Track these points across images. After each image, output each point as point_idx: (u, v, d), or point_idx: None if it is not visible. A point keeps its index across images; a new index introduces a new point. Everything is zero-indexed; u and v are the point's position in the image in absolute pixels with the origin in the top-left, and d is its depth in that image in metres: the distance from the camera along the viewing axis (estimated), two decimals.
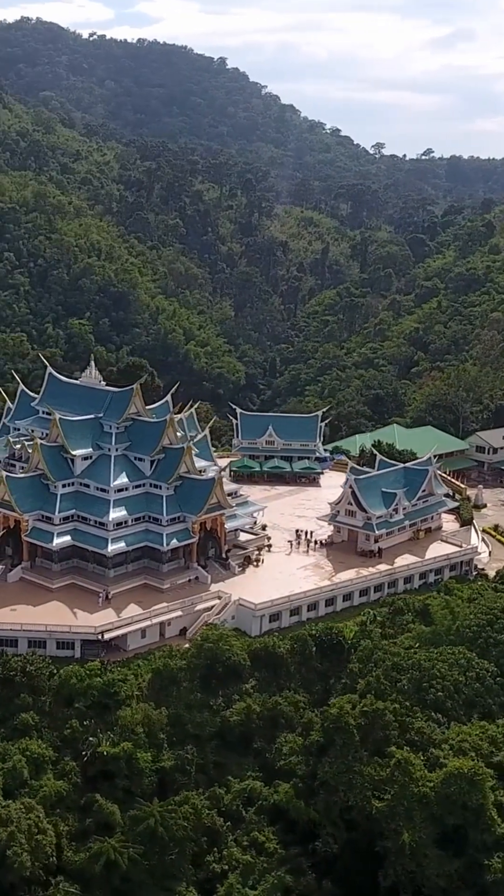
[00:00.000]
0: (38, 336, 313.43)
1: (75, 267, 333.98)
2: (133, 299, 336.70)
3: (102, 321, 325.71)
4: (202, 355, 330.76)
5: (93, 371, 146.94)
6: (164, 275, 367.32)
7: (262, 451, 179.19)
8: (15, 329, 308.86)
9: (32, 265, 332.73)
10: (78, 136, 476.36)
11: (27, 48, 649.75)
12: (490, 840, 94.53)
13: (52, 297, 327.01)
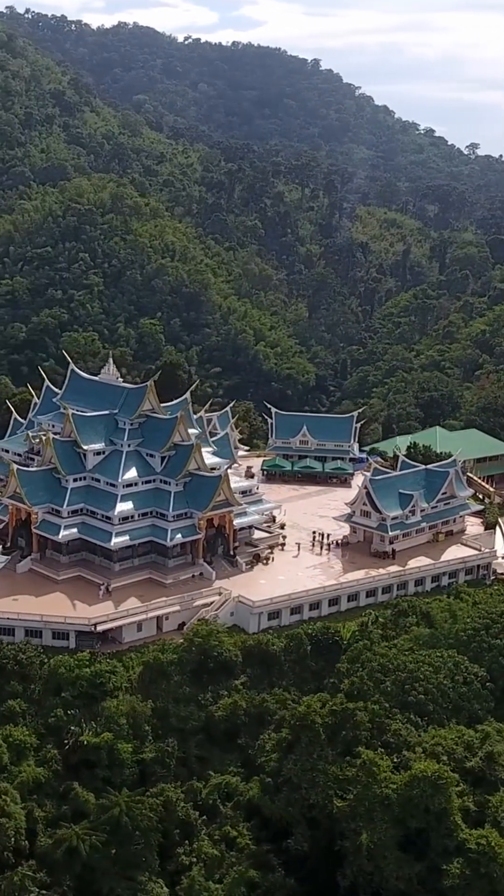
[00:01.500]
0: (110, 335, 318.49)
1: (148, 267, 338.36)
2: (204, 300, 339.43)
3: (173, 321, 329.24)
4: (272, 356, 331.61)
5: (111, 368, 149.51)
6: (238, 276, 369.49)
7: (295, 450, 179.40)
8: (87, 328, 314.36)
9: (107, 266, 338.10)
10: (163, 139, 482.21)
11: (123, 53, 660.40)
12: (451, 845, 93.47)
13: (124, 298, 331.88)
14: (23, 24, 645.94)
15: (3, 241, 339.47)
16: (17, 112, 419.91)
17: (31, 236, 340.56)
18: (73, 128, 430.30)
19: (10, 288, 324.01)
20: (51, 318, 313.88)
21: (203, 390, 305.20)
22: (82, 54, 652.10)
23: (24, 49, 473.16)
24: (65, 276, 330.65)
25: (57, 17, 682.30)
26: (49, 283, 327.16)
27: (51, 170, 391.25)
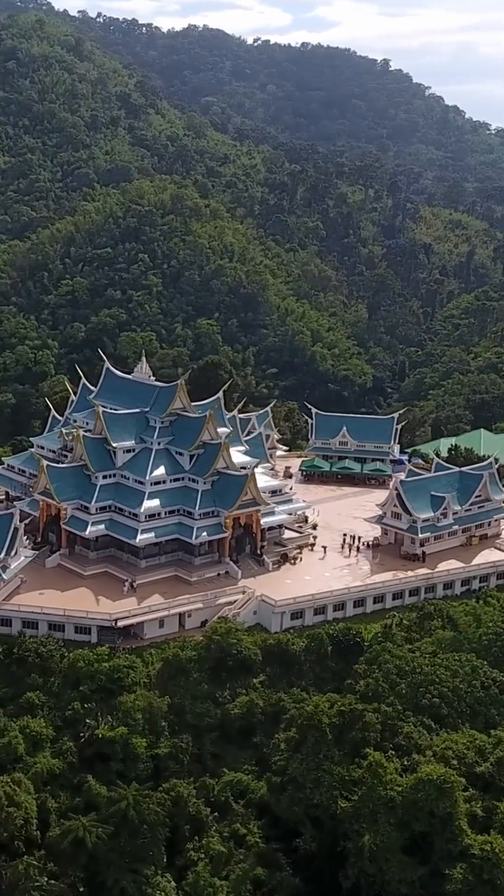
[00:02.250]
0: (168, 335, 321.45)
1: (207, 268, 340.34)
2: (262, 301, 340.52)
3: (231, 321, 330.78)
4: (329, 357, 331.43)
5: (143, 366, 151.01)
6: (297, 277, 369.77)
7: (335, 451, 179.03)
8: (145, 328, 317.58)
9: (166, 266, 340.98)
10: (228, 141, 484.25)
11: (192, 55, 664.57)
12: (455, 850, 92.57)
13: (182, 298, 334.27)
14: (94, 28, 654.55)
15: (64, 241, 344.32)
16: (83, 115, 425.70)
17: (91, 237, 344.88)
18: (138, 130, 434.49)
19: (70, 288, 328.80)
20: (109, 317, 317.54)
21: (259, 391, 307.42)
22: (152, 57, 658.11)
23: (91, 52, 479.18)
24: (124, 276, 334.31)
25: (128, 21, 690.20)
26: (109, 284, 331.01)
27: (114, 171, 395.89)
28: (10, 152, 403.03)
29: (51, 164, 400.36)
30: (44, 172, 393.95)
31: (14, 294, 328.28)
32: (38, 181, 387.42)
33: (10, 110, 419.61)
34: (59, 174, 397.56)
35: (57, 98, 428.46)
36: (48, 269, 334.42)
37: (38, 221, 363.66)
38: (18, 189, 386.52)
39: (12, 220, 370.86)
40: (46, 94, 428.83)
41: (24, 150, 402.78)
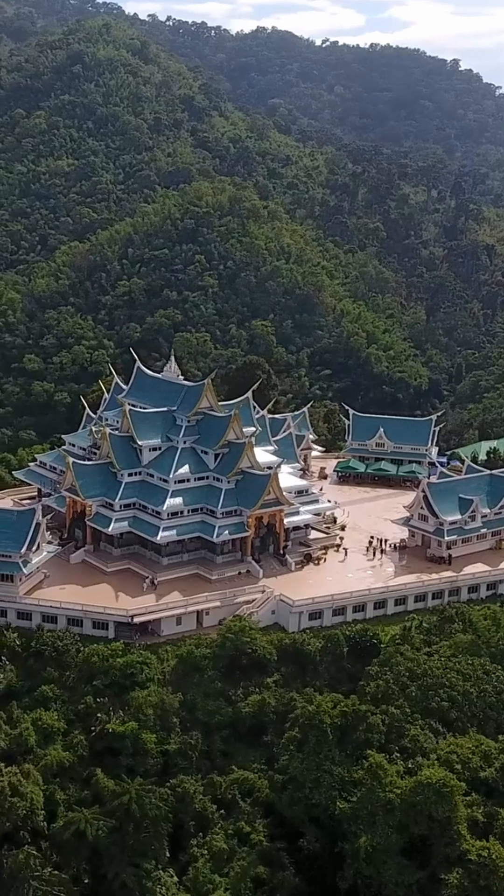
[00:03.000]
0: (222, 336, 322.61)
1: (263, 269, 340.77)
2: (318, 302, 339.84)
3: (285, 323, 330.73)
4: (384, 359, 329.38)
5: (172, 365, 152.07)
6: (355, 278, 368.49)
7: (371, 452, 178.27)
8: (200, 329, 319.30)
9: (222, 268, 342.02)
10: (291, 142, 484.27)
11: (260, 57, 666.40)
12: (453, 855, 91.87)
13: (238, 299, 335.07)
14: (163, 32, 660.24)
15: (123, 243, 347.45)
16: (147, 117, 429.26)
17: (149, 238, 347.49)
18: (201, 132, 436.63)
19: (127, 289, 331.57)
20: (165, 318, 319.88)
21: (312, 392, 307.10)
22: (220, 60, 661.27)
23: (156, 55, 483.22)
24: (180, 277, 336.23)
25: (196, 24, 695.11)
26: (165, 285, 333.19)
27: (175, 173, 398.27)
28: (73, 155, 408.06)
29: (113, 167, 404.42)
30: (106, 175, 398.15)
31: (72, 295, 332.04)
32: (101, 183, 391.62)
33: (74, 113, 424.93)
34: (122, 176, 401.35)
35: (121, 101, 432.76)
36: (106, 270, 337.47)
37: (99, 223, 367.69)
38: (81, 191, 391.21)
39: (74, 221, 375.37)
40: (111, 97, 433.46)
41: (88, 153, 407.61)
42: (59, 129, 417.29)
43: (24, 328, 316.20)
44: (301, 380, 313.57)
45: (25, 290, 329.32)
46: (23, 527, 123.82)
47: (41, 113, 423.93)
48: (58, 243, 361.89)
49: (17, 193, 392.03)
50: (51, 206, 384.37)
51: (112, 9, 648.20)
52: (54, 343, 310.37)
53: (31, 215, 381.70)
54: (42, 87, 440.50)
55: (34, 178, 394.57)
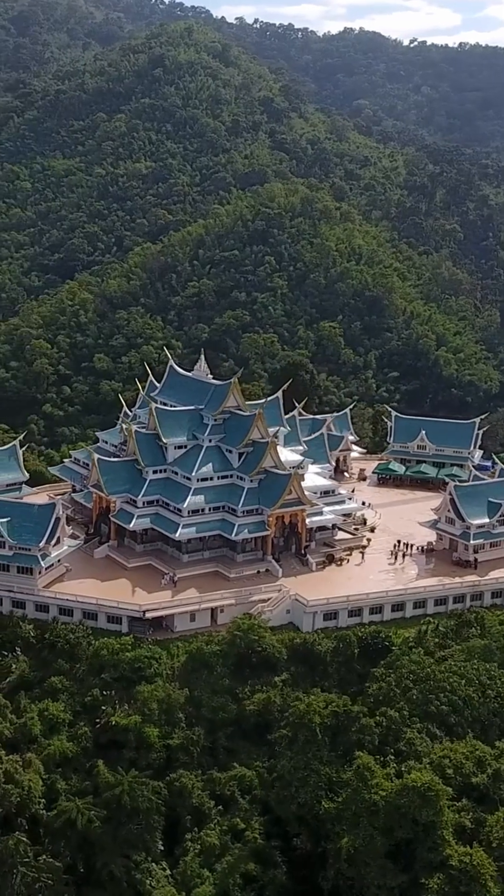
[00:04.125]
0: (290, 337, 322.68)
1: (333, 271, 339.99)
2: (387, 304, 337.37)
3: (354, 325, 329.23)
4: (453, 362, 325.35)
5: (202, 364, 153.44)
6: (427, 280, 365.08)
7: (412, 455, 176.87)
8: (268, 330, 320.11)
9: (292, 269, 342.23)
10: (371, 143, 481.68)
11: (347, 58, 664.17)
12: (436, 860, 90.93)
13: (307, 301, 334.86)
14: (250, 35, 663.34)
15: (194, 244, 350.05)
16: (225, 119, 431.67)
17: (220, 240, 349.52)
18: (279, 134, 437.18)
19: (196, 290, 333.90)
20: (233, 319, 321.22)
21: (379, 394, 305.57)
22: (306, 61, 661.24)
23: (237, 58, 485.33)
24: (250, 278, 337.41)
25: (284, 26, 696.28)
26: (234, 286, 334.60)
27: (251, 175, 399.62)
28: (151, 157, 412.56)
29: (190, 169, 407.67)
30: (183, 177, 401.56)
31: (143, 295, 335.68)
32: (177, 185, 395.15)
33: (154, 116, 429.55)
34: (198, 178, 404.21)
35: (200, 104, 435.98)
36: (177, 271, 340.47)
37: (174, 225, 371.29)
38: (157, 193, 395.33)
39: (150, 223, 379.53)
40: (190, 99, 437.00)
41: (166, 155, 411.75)
42: (139, 131, 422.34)
43: (95, 328, 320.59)
44: (368, 382, 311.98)
45: (98, 290, 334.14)
46: (43, 521, 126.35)
47: (121, 116, 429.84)
48: (133, 244, 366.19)
49: (95, 196, 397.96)
50: (127, 208, 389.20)
51: (200, 12, 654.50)
52: (123, 343, 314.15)
53: (108, 217, 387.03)
54: (123, 91, 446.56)
55: (112, 180, 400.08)
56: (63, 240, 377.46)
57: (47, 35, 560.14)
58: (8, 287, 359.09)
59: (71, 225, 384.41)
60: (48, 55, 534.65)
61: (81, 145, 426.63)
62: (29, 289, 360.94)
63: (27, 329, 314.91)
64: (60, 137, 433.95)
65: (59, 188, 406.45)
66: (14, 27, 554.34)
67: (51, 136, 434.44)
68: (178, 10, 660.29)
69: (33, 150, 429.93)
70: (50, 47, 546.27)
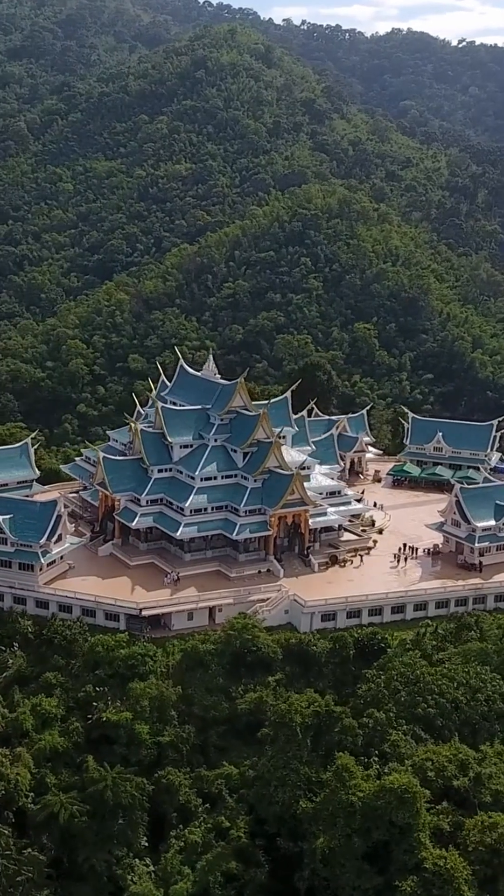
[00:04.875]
0: (324, 339, 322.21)
1: (368, 272, 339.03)
2: (423, 305, 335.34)
3: (389, 326, 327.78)
4: (489, 364, 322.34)
5: (210, 364, 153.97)
6: (465, 281, 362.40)
7: (429, 457, 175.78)
8: (302, 331, 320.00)
9: (328, 270, 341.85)
10: (413, 144, 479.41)
11: (394, 59, 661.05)
12: (411, 862, 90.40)
13: (342, 302, 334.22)
14: (297, 36, 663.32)
15: (231, 245, 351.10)
16: (266, 121, 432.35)
17: (256, 241, 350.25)
18: (320, 135, 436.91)
19: (231, 291, 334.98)
20: (267, 320, 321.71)
21: (413, 396, 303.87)
22: (353, 62, 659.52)
23: (280, 59, 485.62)
24: (285, 279, 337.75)
25: (331, 27, 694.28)
26: (269, 287, 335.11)
27: (291, 177, 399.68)
28: (192, 159, 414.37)
29: (230, 170, 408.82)
30: (222, 178, 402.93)
31: (178, 296, 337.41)
32: (216, 186, 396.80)
33: (195, 118, 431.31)
34: (238, 179, 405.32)
35: (241, 105, 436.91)
36: (212, 272, 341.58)
37: (212, 226, 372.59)
38: (197, 194, 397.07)
39: (188, 224, 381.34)
40: (232, 101, 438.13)
41: (206, 157, 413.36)
42: (180, 133, 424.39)
43: (131, 328, 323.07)
44: (402, 384, 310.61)
45: (134, 291, 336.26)
46: (44, 518, 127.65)
47: (163, 118, 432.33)
48: (171, 246, 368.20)
49: (135, 197, 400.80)
50: (167, 210, 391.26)
51: (247, 14, 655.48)
52: (158, 343, 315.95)
53: (148, 218, 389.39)
54: (166, 93, 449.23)
55: (152, 181, 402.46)
56: (102, 241, 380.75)
57: (94, 38, 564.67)
58: (47, 288, 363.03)
59: (111, 226, 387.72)
60: (94, 58, 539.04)
61: (123, 147, 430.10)
62: (68, 289, 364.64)
63: (64, 329, 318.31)
64: (103, 139, 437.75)
65: (100, 190, 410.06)
66: (62, 30, 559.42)
67: (93, 139, 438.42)
68: (225, 11, 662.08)
69: (76, 151, 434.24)
70: (97, 50, 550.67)
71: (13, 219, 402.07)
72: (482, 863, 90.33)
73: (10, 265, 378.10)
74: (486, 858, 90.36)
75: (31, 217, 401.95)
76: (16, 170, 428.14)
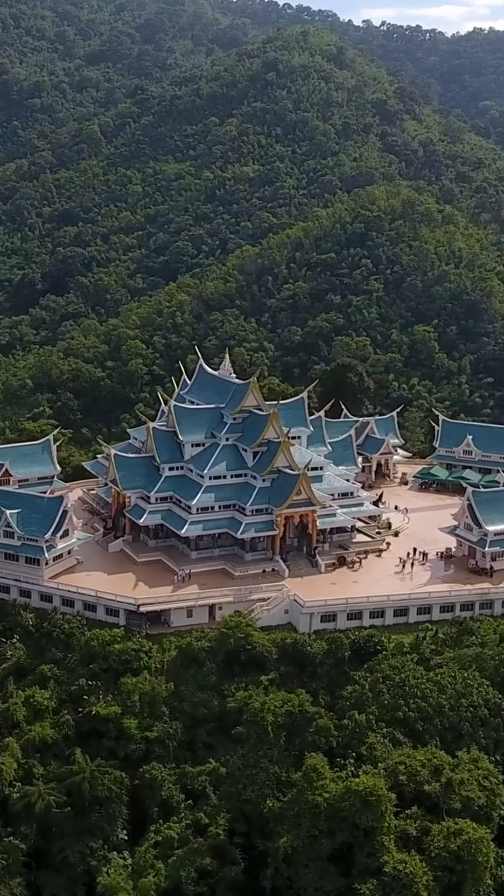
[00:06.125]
0: (383, 341, 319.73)
1: (430, 274, 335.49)
2: (486, 308, 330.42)
3: (449, 329, 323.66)
4: None
5: (226, 363, 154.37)
6: None
7: (458, 460, 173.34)
8: (361, 333, 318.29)
9: (389, 272, 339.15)
10: (487, 145, 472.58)
11: (474, 59, 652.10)
12: (373, 865, 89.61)
13: (403, 304, 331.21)
14: (376, 38, 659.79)
15: (293, 247, 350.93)
16: (335, 122, 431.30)
17: (318, 242, 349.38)
18: (390, 136, 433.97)
19: (291, 292, 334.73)
20: (326, 322, 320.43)
21: (472, 400, 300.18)
22: (433, 63, 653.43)
23: (352, 61, 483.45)
24: (345, 281, 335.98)
25: (411, 28, 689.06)
26: (329, 289, 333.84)
27: (358, 178, 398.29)
28: (259, 161, 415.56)
29: (297, 172, 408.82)
30: (289, 180, 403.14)
31: (239, 297, 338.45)
32: (283, 188, 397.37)
33: (264, 120, 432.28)
34: (304, 181, 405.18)
35: (311, 107, 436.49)
36: (273, 274, 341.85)
37: (277, 227, 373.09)
38: (263, 196, 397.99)
39: (254, 226, 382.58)
40: (301, 103, 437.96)
41: (274, 159, 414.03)
42: (249, 135, 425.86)
43: (190, 329, 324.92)
44: (461, 387, 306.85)
45: (195, 292, 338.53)
46: (50, 513, 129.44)
47: (233, 121, 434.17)
48: (236, 247, 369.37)
49: (202, 199, 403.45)
50: (233, 211, 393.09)
51: (327, 16, 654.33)
52: (216, 344, 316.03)
53: (214, 220, 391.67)
54: (236, 95, 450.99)
55: (220, 183, 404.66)
56: (168, 242, 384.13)
57: (172, 42, 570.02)
58: (113, 289, 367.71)
59: (177, 228, 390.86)
60: (170, 62, 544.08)
61: (193, 149, 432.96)
62: (133, 290, 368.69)
63: (125, 329, 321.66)
64: (173, 142, 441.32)
65: (168, 192, 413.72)
66: (139, 34, 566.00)
67: (164, 141, 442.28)
68: (304, 14, 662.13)
69: (147, 154, 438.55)
70: (173, 54, 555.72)
71: (83, 221, 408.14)
72: (445, 869, 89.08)
73: (78, 266, 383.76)
74: (449, 865, 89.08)
75: (101, 219, 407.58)
76: (88, 172, 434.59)
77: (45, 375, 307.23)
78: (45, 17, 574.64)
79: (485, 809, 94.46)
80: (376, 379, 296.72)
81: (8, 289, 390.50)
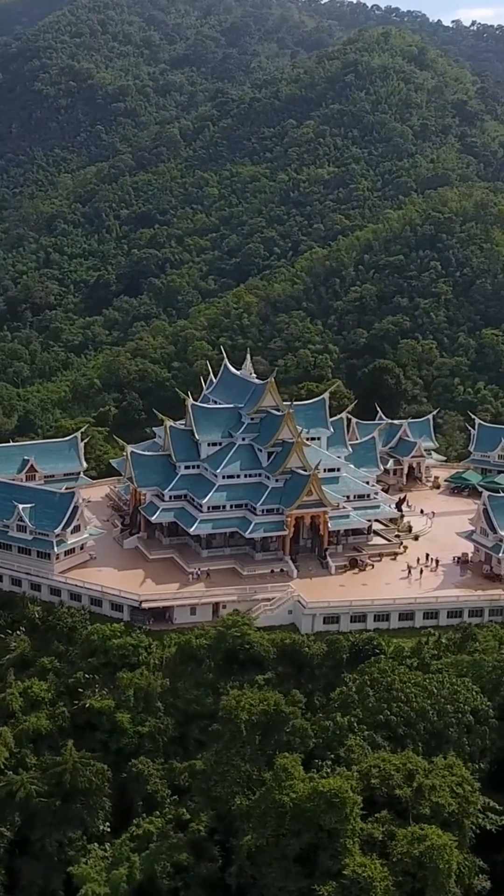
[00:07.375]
0: (450, 344, 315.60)
1: (501, 277, 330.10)
2: None
3: None
4: None
5: (247, 364, 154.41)
6: None
7: (493, 464, 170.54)
8: (427, 336, 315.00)
9: (458, 275, 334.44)
10: None
11: None
12: (334, 868, 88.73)
13: (471, 307, 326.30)
14: (466, 38, 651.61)
15: (361, 249, 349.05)
16: (413, 123, 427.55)
17: (387, 245, 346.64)
18: (469, 137, 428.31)
19: (358, 294, 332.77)
20: (392, 325, 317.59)
21: None
22: None
23: (433, 61, 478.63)
24: (413, 283, 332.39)
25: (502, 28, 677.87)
26: (396, 291, 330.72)
27: (434, 179, 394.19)
28: (335, 163, 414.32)
29: (372, 174, 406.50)
30: (364, 182, 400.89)
31: (306, 299, 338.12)
32: (357, 190, 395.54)
33: (342, 122, 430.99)
34: (379, 183, 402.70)
35: (389, 108, 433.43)
36: (341, 276, 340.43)
37: (350, 230, 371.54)
38: (337, 198, 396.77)
39: (326, 228, 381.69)
40: (379, 104, 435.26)
41: (349, 161, 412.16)
42: (325, 137, 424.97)
43: (257, 331, 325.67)
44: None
45: (263, 294, 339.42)
46: (62, 508, 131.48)
47: (310, 122, 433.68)
48: (307, 249, 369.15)
49: (276, 201, 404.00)
50: (306, 213, 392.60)
51: (416, 17, 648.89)
52: (282, 346, 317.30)
53: (287, 222, 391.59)
54: (315, 97, 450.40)
55: (294, 185, 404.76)
56: (241, 244, 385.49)
57: (257, 45, 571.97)
58: (184, 290, 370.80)
59: (250, 230, 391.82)
60: (254, 65, 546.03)
61: (269, 152, 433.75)
62: (204, 292, 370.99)
63: (192, 331, 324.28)
64: (251, 144, 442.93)
65: (243, 194, 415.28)
66: (225, 38, 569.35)
67: (242, 144, 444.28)
68: (393, 14, 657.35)
69: (224, 157, 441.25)
70: (258, 57, 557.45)
71: (159, 223, 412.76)
72: (407, 874, 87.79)
73: (152, 268, 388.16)
74: (411, 870, 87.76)
75: (176, 221, 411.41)
76: (166, 175, 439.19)
77: (112, 375, 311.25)
78: (133, 22, 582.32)
79: (456, 816, 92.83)
80: (441, 383, 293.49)
81: (84, 290, 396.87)
